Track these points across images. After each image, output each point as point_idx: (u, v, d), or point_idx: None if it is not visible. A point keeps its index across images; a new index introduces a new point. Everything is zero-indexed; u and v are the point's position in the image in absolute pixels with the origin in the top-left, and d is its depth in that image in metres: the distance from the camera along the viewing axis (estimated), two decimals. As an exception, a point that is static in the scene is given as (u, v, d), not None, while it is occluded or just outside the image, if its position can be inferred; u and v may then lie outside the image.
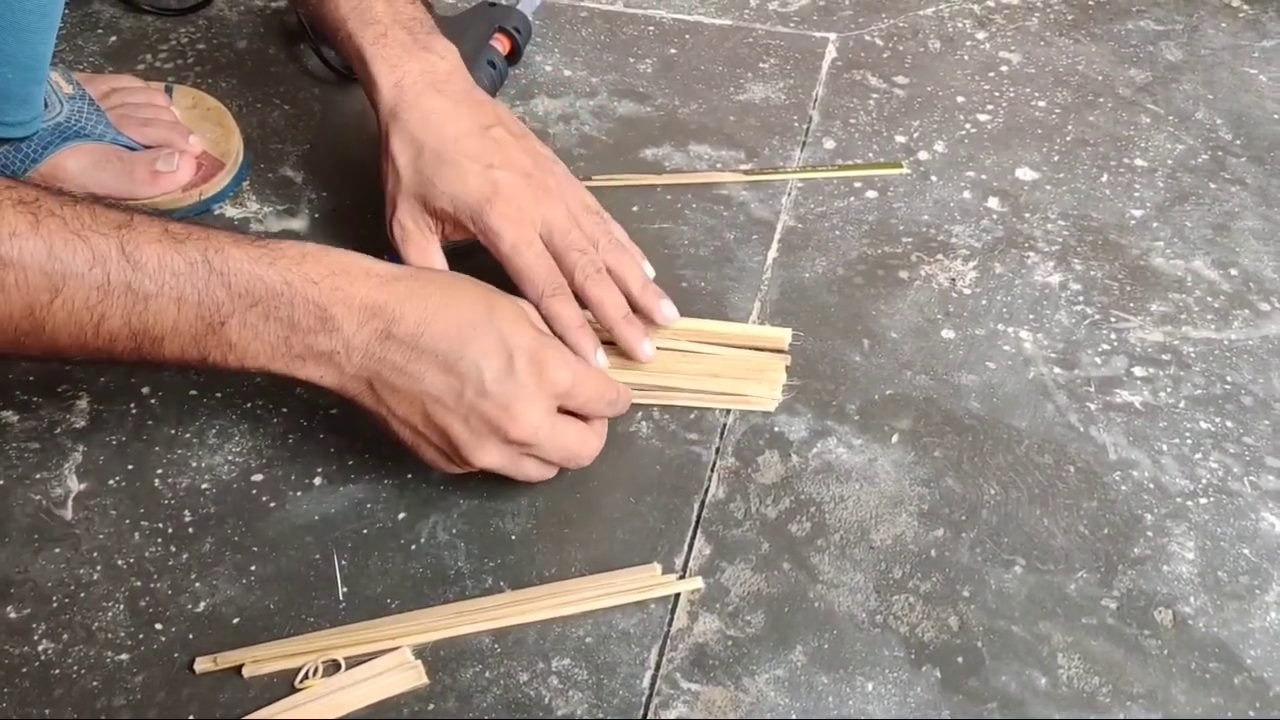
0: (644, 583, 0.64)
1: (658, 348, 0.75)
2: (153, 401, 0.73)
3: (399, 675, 0.60)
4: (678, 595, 0.64)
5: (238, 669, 0.60)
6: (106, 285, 0.56)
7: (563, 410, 0.64)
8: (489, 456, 0.62)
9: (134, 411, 0.72)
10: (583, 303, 0.72)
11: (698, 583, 0.64)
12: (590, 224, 0.74)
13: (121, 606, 0.63)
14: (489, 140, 0.73)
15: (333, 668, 0.60)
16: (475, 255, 0.73)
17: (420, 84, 0.74)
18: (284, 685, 0.60)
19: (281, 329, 0.59)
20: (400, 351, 0.61)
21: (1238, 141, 0.93)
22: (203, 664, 0.60)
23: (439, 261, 0.74)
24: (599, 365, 0.71)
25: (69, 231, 0.55)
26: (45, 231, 0.55)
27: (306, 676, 0.60)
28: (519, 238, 0.71)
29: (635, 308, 0.73)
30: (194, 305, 0.57)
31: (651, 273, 0.76)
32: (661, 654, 0.62)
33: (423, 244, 0.73)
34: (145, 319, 0.57)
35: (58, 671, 0.60)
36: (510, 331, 0.62)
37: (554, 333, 0.71)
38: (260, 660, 0.60)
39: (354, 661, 0.61)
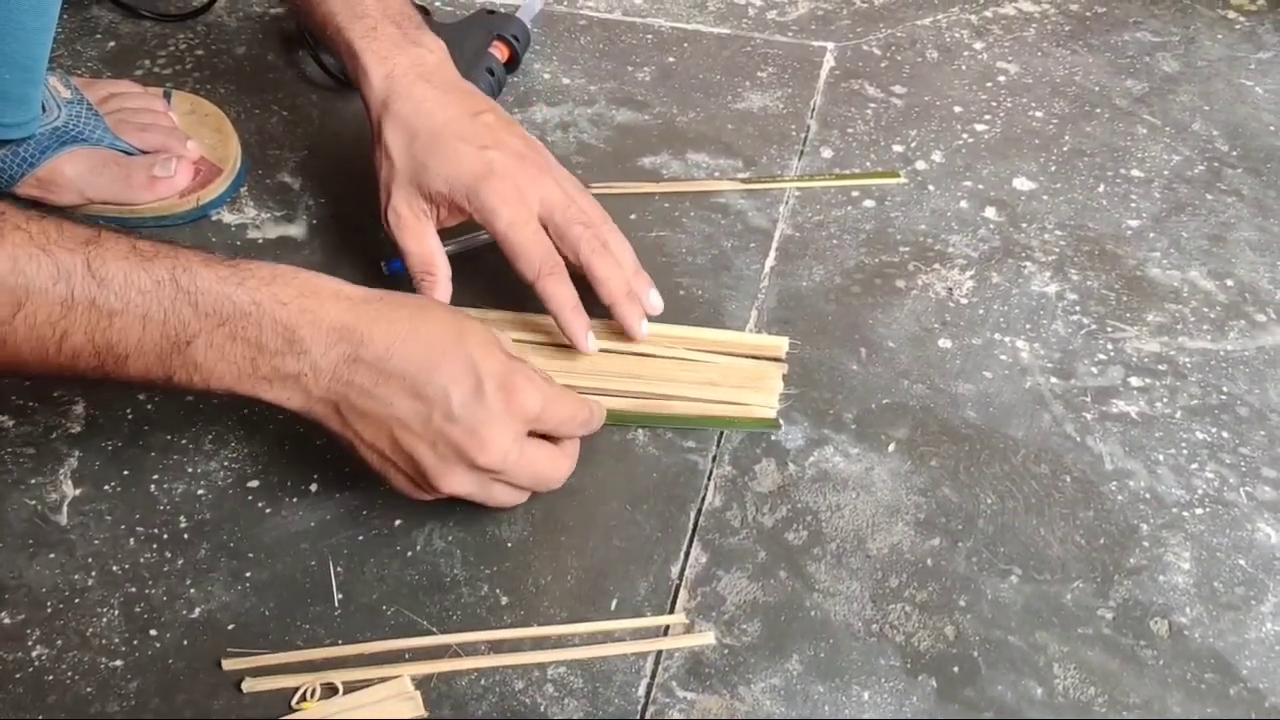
0: (648, 642, 0.63)
1: (654, 356, 0.75)
2: (149, 407, 0.73)
3: (396, 705, 0.59)
4: (674, 602, 0.64)
5: (236, 683, 0.60)
6: (70, 301, 0.55)
7: (532, 433, 0.63)
8: (457, 483, 0.61)
9: (130, 417, 0.72)
10: (580, 280, 0.72)
11: (709, 638, 0.63)
12: (585, 202, 0.74)
13: (116, 612, 0.63)
14: (480, 124, 0.74)
15: (330, 691, 0.59)
16: (483, 257, 0.72)
17: (410, 75, 0.75)
18: (278, 701, 0.60)
19: (248, 350, 0.58)
20: (368, 375, 0.60)
21: (1234, 153, 0.94)
22: (230, 664, 0.61)
23: (435, 247, 0.74)
24: (590, 349, 0.72)
25: (34, 246, 0.54)
26: (9, 246, 0.54)
27: (304, 698, 0.59)
28: (515, 216, 0.71)
29: None
30: (159, 324, 0.57)
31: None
32: (657, 662, 0.62)
33: (418, 229, 0.73)
34: (109, 336, 0.56)
35: (51, 677, 0.60)
36: (480, 356, 0.61)
37: (549, 311, 0.72)
38: (260, 677, 0.60)
39: (353, 686, 0.60)
